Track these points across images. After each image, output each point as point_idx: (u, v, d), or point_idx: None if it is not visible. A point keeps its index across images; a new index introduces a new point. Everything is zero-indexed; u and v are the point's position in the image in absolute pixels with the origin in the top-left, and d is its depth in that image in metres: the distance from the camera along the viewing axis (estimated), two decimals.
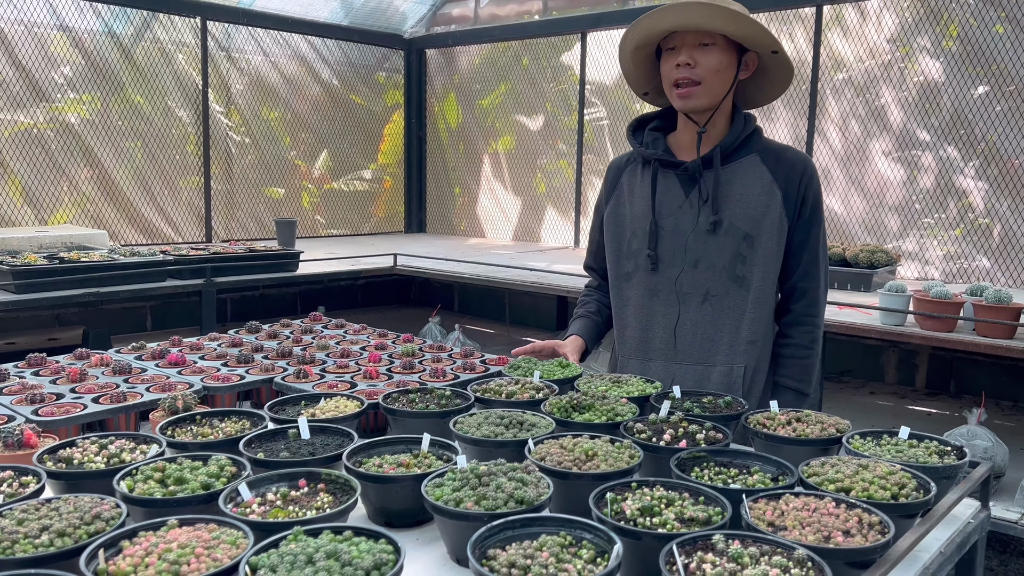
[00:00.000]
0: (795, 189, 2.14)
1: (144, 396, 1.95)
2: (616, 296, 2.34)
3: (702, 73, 2.06)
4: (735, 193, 2.15)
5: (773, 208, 2.13)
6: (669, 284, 2.20)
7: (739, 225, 2.13)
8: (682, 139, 2.24)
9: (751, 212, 2.13)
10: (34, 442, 1.64)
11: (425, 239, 7.62)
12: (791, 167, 2.15)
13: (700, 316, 2.18)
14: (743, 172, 2.16)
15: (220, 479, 1.42)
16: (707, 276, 2.15)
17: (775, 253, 2.15)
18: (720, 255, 2.14)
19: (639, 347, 2.28)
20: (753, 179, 2.15)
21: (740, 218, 2.13)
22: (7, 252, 4.37)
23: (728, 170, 2.16)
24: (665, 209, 2.20)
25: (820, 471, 1.49)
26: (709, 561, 1.15)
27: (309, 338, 2.68)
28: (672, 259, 2.19)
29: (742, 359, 2.17)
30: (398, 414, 1.83)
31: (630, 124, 2.32)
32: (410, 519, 1.50)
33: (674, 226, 2.18)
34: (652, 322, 2.24)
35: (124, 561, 1.12)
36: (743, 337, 2.16)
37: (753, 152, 2.17)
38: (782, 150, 2.19)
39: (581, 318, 2.47)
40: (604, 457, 1.52)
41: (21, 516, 1.23)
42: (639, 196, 2.25)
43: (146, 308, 6.18)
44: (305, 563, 1.11)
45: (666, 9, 2.01)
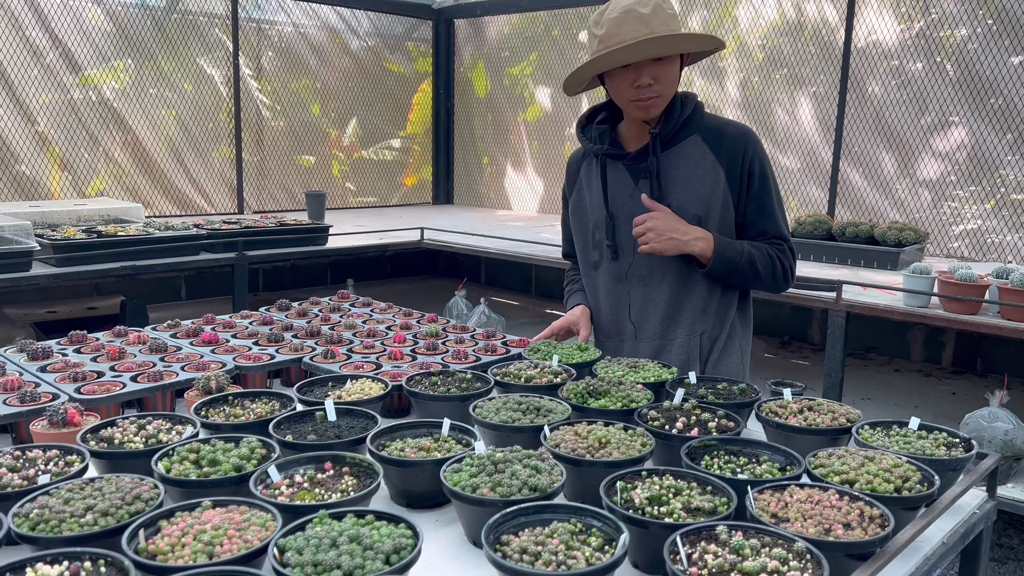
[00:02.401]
0: (738, 164, 2.19)
1: (179, 375, 2.04)
2: (588, 284, 2.47)
3: (662, 88, 2.12)
4: (680, 177, 2.21)
5: (718, 186, 2.20)
6: (631, 270, 2.30)
7: (687, 207, 2.20)
8: (630, 129, 2.30)
9: (698, 193, 2.20)
10: (77, 420, 1.73)
11: (452, 211, 7.67)
12: (733, 143, 2.20)
13: (660, 295, 2.28)
14: (686, 154, 2.22)
15: (251, 461, 1.50)
16: (660, 260, 2.23)
17: (724, 230, 2.22)
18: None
19: (612, 330, 2.40)
20: (696, 160, 2.21)
21: (687, 200, 2.20)
22: (47, 225, 4.51)
23: (671, 154, 2.22)
24: (618, 199, 2.29)
25: (827, 462, 1.53)
26: (711, 552, 1.20)
27: (337, 316, 2.76)
28: (631, 245, 2.27)
29: (699, 327, 2.27)
30: (420, 397, 1.90)
31: (580, 119, 2.39)
32: (430, 501, 1.57)
33: (628, 214, 2.25)
34: (620, 305, 2.36)
35: (162, 540, 1.21)
36: (698, 308, 2.27)
37: (695, 132, 2.22)
38: (722, 126, 2.23)
39: (577, 292, 2.59)
40: (617, 445, 1.57)
41: (67, 495, 1.32)
42: (595, 188, 2.35)
43: (181, 278, 6.33)
44: (329, 546, 1.19)
45: (632, 47, 2.02)
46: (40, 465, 1.48)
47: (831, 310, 3.81)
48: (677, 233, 2.14)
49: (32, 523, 1.25)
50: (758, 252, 2.20)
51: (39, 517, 1.25)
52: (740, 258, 2.17)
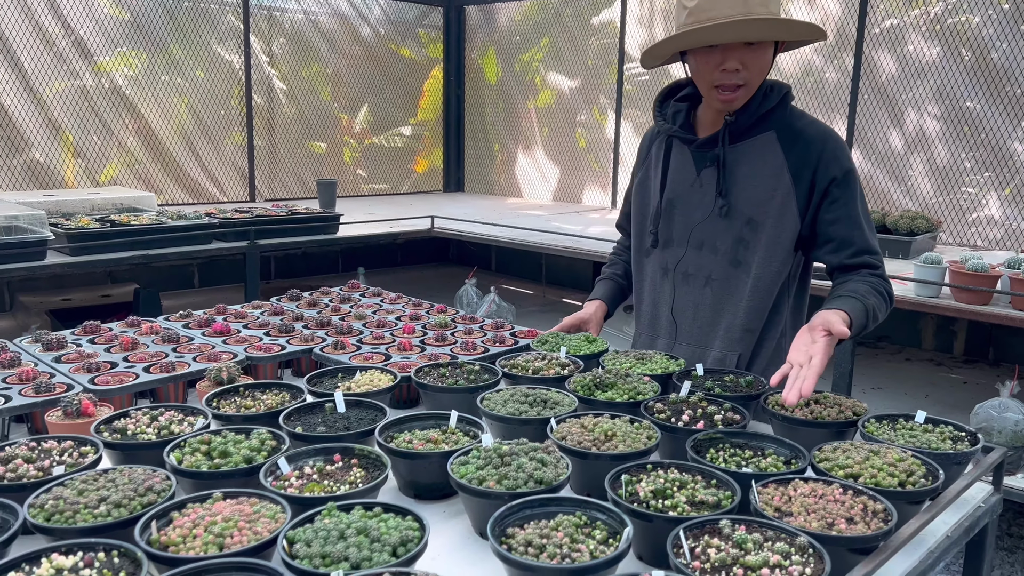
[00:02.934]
0: (809, 171, 2.01)
1: (191, 366, 2.06)
2: (636, 270, 2.36)
3: (749, 76, 1.95)
4: (742, 175, 2.07)
5: (780, 193, 2.02)
6: (677, 265, 2.19)
7: (742, 208, 2.06)
8: (706, 112, 2.16)
9: (756, 195, 2.05)
10: (91, 411, 1.76)
11: (463, 199, 7.68)
12: (807, 146, 2.02)
13: (701, 299, 2.16)
14: (755, 151, 2.06)
15: (261, 452, 1.53)
16: (709, 259, 2.12)
17: (779, 240, 2.04)
18: (723, 239, 2.10)
19: (650, 323, 2.32)
20: (764, 160, 2.05)
21: (745, 201, 2.06)
22: (61, 214, 4.55)
23: (739, 148, 2.07)
24: (678, 187, 2.17)
25: (831, 456, 1.54)
26: (714, 546, 1.22)
27: (347, 307, 2.78)
28: (680, 239, 2.17)
29: (737, 347, 2.13)
30: (429, 389, 1.91)
31: (659, 93, 2.26)
32: (438, 492, 1.59)
33: (684, 205, 2.15)
34: (660, 300, 2.27)
35: (174, 532, 1.23)
36: (739, 324, 2.11)
37: (771, 129, 2.06)
38: (803, 127, 2.05)
39: (606, 280, 2.54)
40: (623, 438, 1.59)
41: (81, 487, 1.35)
42: (660, 171, 2.22)
43: (193, 266, 6.38)
44: (337, 538, 1.21)
45: (723, 26, 1.85)
46: (55, 456, 1.51)
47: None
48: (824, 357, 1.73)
49: (47, 514, 1.27)
50: (875, 299, 1.93)
51: (54, 508, 1.28)
52: (868, 319, 1.90)
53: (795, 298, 2.19)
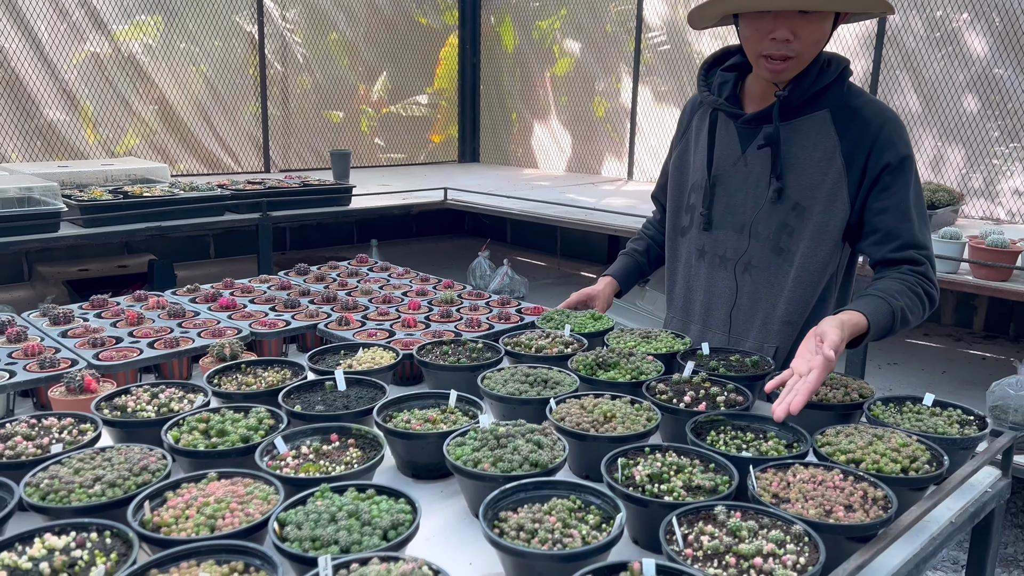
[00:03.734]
0: (863, 155, 1.87)
1: (195, 342, 2.07)
2: (670, 250, 2.25)
3: (801, 48, 1.80)
4: (791, 155, 1.93)
5: (831, 177, 1.89)
6: (714, 248, 2.07)
7: (791, 193, 1.93)
8: (755, 84, 2.00)
9: (805, 179, 1.91)
10: (94, 387, 1.77)
11: (478, 170, 7.62)
12: (863, 128, 1.87)
13: (739, 287, 2.05)
14: (806, 131, 1.92)
15: (259, 432, 1.52)
16: (751, 245, 2.00)
17: (827, 228, 1.92)
18: (767, 223, 1.97)
19: (683, 308, 2.21)
20: (815, 140, 1.91)
21: (793, 184, 1.93)
22: (76, 185, 4.57)
23: (790, 127, 1.93)
24: (723, 164, 2.03)
25: (834, 440, 1.51)
26: (708, 533, 1.20)
27: (354, 281, 2.77)
28: (720, 221, 2.05)
29: (775, 339, 2.02)
30: (430, 367, 1.90)
31: (706, 60, 2.10)
32: (435, 472, 1.59)
33: (726, 184, 2.02)
34: (695, 285, 2.15)
35: (167, 512, 1.23)
36: (778, 315, 2.00)
37: (825, 108, 1.91)
38: (860, 106, 1.89)
39: (625, 255, 2.44)
40: (622, 419, 1.57)
41: (78, 465, 1.35)
42: (702, 145, 2.08)
43: (209, 237, 6.41)
44: (328, 521, 1.21)
45: None
46: (54, 433, 1.51)
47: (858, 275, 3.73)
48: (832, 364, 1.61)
49: (43, 493, 1.28)
50: (908, 301, 1.80)
51: (49, 487, 1.29)
52: (892, 322, 1.78)
53: (842, 291, 2.07)
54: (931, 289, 1.86)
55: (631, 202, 5.34)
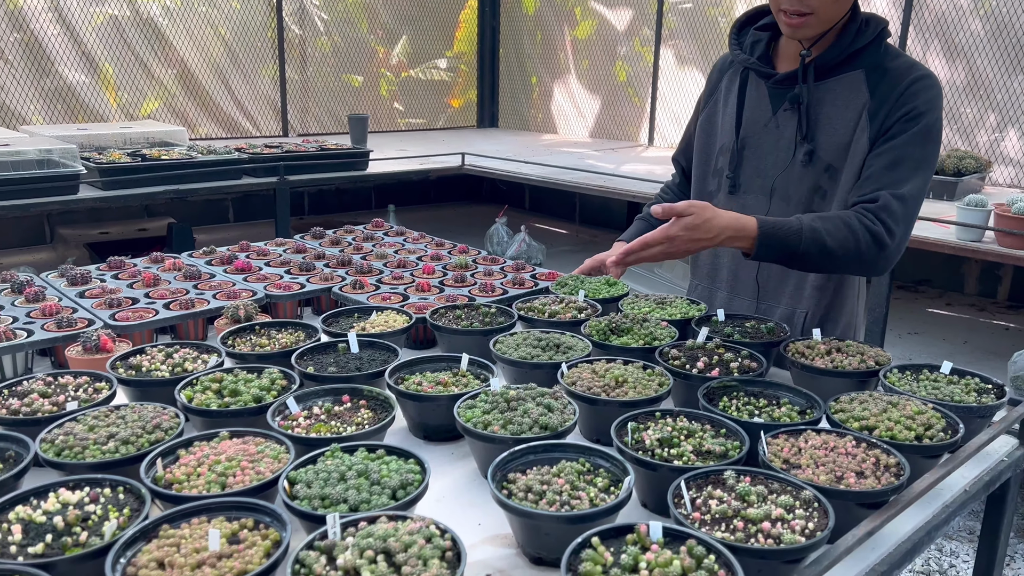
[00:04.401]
0: (884, 111, 1.79)
1: (211, 303, 2.08)
2: None
3: (816, 4, 1.74)
4: (824, 116, 1.87)
5: (862, 135, 1.82)
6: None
7: (823, 155, 1.86)
8: (788, 45, 1.94)
9: (836, 140, 1.85)
10: (110, 347, 1.79)
11: (496, 135, 7.57)
12: (892, 83, 1.79)
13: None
14: (839, 92, 1.85)
15: (271, 392, 1.53)
16: (780, 209, 1.93)
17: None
18: (798, 187, 1.90)
19: (708, 275, 2.17)
20: (847, 101, 1.84)
21: (825, 146, 1.86)
22: (95, 148, 4.59)
23: (823, 87, 1.87)
24: (752, 126, 1.97)
25: (847, 407, 1.50)
26: (717, 497, 1.19)
27: (370, 246, 2.77)
28: (748, 185, 1.98)
29: (805, 304, 1.97)
30: (443, 331, 1.90)
31: (738, 19, 2.05)
32: (446, 434, 1.59)
33: (756, 147, 1.96)
34: (722, 250, 2.09)
35: (179, 470, 1.25)
36: (809, 281, 1.95)
37: (860, 68, 1.84)
38: (895, 66, 1.82)
39: (641, 220, 2.36)
40: (633, 384, 1.56)
41: (92, 423, 1.37)
42: (731, 107, 2.02)
43: (228, 201, 6.42)
44: (338, 480, 1.21)
45: None
46: (70, 391, 1.53)
47: None
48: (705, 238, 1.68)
49: (58, 449, 1.30)
50: (829, 226, 1.73)
51: (64, 443, 1.30)
52: (798, 239, 1.71)
53: None
54: (875, 226, 1.72)
55: (652, 168, 5.28)
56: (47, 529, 1.10)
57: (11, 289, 2.15)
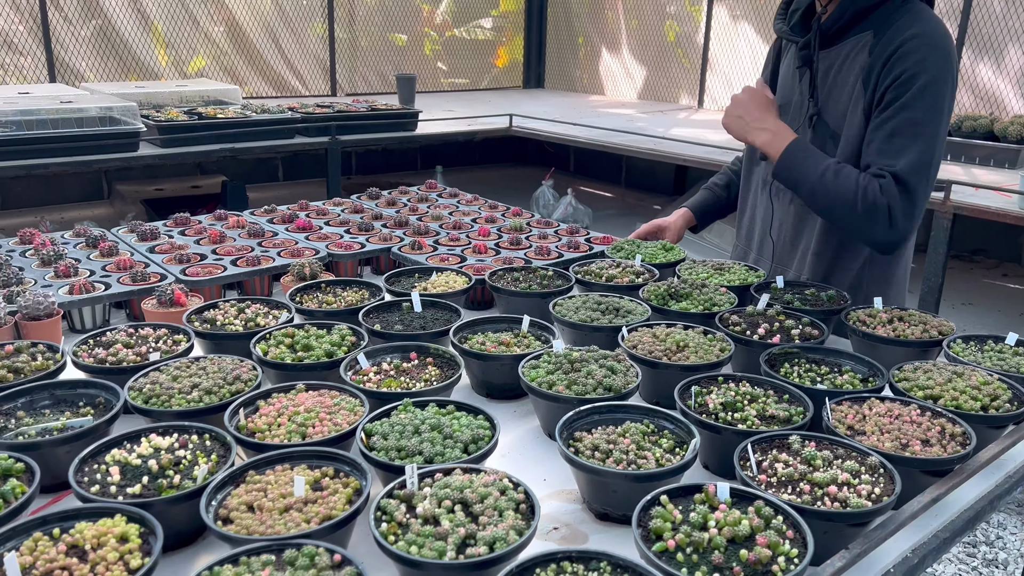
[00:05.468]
0: (878, 72, 1.76)
1: (276, 261, 2.13)
2: (744, 180, 2.23)
3: None
4: (830, 81, 1.87)
5: (859, 99, 1.80)
6: (767, 176, 2.05)
7: (828, 120, 1.88)
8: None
9: (839, 107, 1.85)
10: (183, 301, 1.85)
11: (542, 96, 7.51)
12: (888, 42, 1.76)
13: (786, 217, 2.04)
14: (844, 55, 1.85)
15: (341, 347, 1.58)
16: None
17: (854, 154, 1.84)
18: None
19: (746, 236, 2.22)
20: (850, 64, 1.83)
21: (828, 112, 1.88)
22: (152, 106, 4.67)
23: (832, 52, 1.87)
24: (784, 93, 2.03)
25: (911, 376, 1.50)
26: (782, 460, 1.22)
27: (424, 207, 2.80)
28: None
29: (808, 270, 2.02)
30: (502, 292, 1.93)
31: None
32: (509, 393, 1.63)
33: (786, 113, 1.99)
34: (757, 215, 2.16)
35: (260, 419, 1.30)
36: (812, 247, 2.00)
37: (870, 29, 1.81)
38: (899, 24, 1.77)
39: (706, 189, 2.42)
40: (695, 349, 1.58)
41: (175, 373, 1.44)
42: (770, 75, 2.09)
43: (278, 160, 6.50)
44: (412, 433, 1.26)
45: None
46: (151, 343, 1.60)
47: (936, 211, 3.62)
48: (748, 116, 1.91)
49: (145, 397, 1.36)
50: (844, 177, 1.76)
51: (151, 392, 1.37)
52: (814, 173, 1.77)
53: None
54: (879, 199, 1.72)
55: (701, 132, 5.22)
56: (143, 471, 1.16)
57: (86, 243, 2.23)
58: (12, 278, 1.89)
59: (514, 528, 1.03)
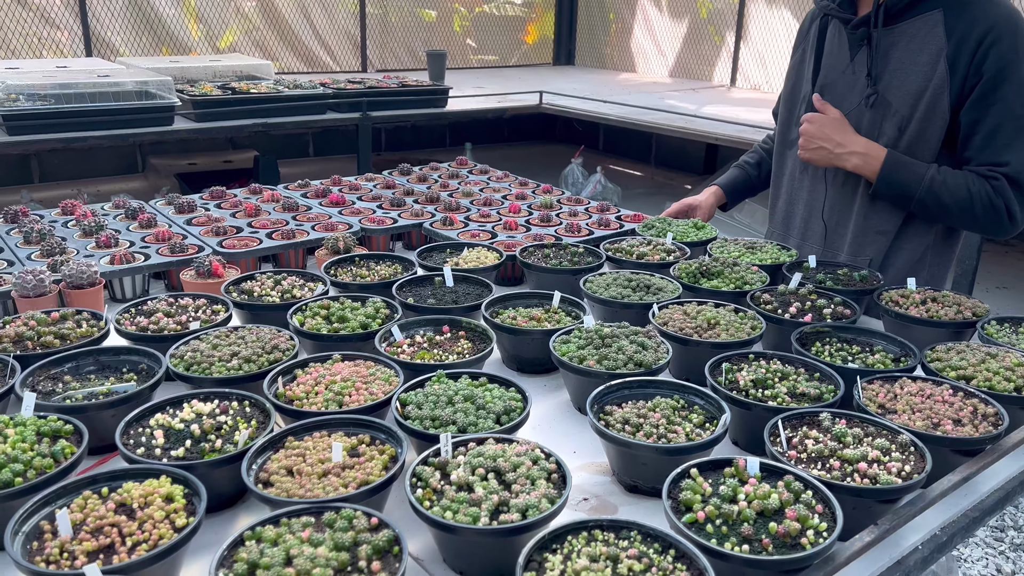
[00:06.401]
0: (967, 56, 1.73)
1: (310, 234, 2.16)
2: (776, 163, 2.19)
3: None
4: (896, 60, 1.82)
5: (934, 84, 1.77)
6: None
7: (893, 101, 1.83)
8: None
9: (910, 85, 1.81)
10: (220, 272, 1.89)
11: (572, 73, 7.47)
12: (971, 25, 1.73)
13: (838, 199, 2.00)
14: (914, 33, 1.80)
15: (376, 320, 1.61)
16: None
17: (924, 138, 1.82)
18: (868, 134, 1.88)
19: (783, 222, 2.18)
20: (922, 42, 1.79)
21: (896, 92, 1.83)
22: (186, 81, 4.72)
23: (898, 30, 1.82)
24: (830, 72, 1.96)
25: (944, 357, 1.49)
26: (812, 437, 1.22)
27: (455, 183, 2.81)
28: None
29: (867, 251, 1.97)
30: (533, 268, 1.95)
31: None
32: (539, 367, 1.65)
33: (833, 93, 1.94)
34: (797, 198, 2.11)
35: (298, 388, 1.34)
36: (871, 225, 1.95)
37: (938, 7, 1.78)
38: (975, 4, 1.74)
39: (736, 168, 2.40)
40: (726, 327, 1.58)
41: (215, 341, 1.47)
42: (813, 54, 2.02)
43: (308, 135, 6.54)
44: (446, 403, 1.29)
45: None
46: (191, 312, 1.64)
47: None
48: (830, 143, 1.84)
49: (186, 364, 1.40)
50: (952, 183, 1.77)
51: (192, 359, 1.41)
52: (919, 185, 1.77)
53: None
54: (996, 200, 1.77)
55: (734, 110, 5.16)
56: (185, 435, 1.20)
57: (125, 215, 2.28)
58: (56, 248, 1.94)
59: (546, 496, 1.06)
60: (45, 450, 1.14)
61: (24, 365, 1.38)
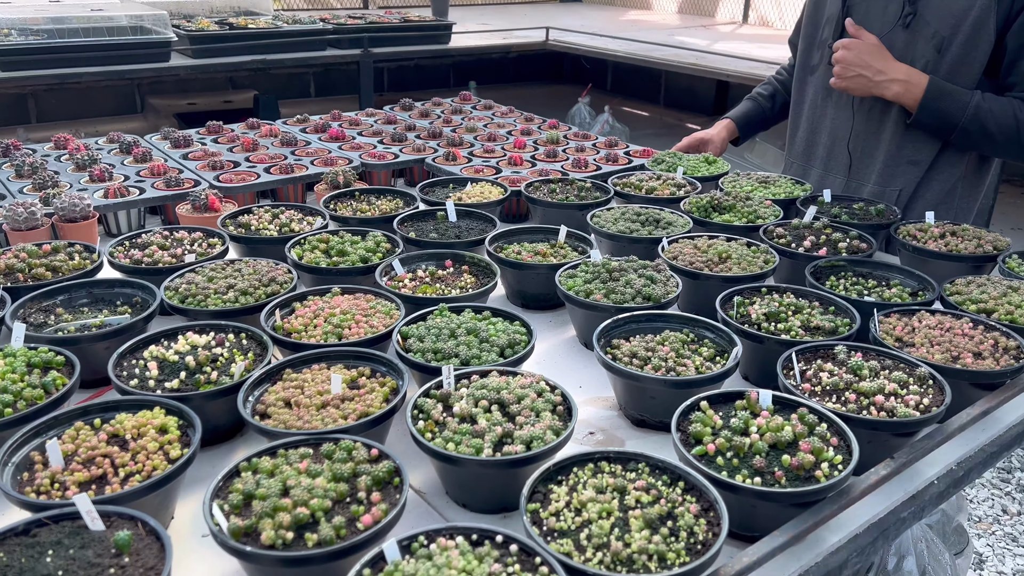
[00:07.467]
0: None
1: (309, 169, 2.10)
2: (796, 91, 2.11)
3: None
4: None
5: (988, 15, 1.71)
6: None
7: (932, 23, 1.77)
8: None
9: (950, 6, 1.75)
10: (217, 206, 1.84)
11: (580, 10, 7.26)
12: None
13: (866, 127, 1.92)
14: None
15: (376, 254, 1.57)
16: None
17: (967, 62, 1.75)
18: (901, 56, 1.81)
19: (804, 152, 2.10)
20: None
21: (936, 14, 1.76)
22: (182, 16, 4.59)
23: None
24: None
25: (964, 290, 1.44)
26: (827, 370, 1.18)
27: (459, 119, 2.73)
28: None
29: (897, 181, 1.92)
30: (539, 203, 1.89)
31: None
32: (544, 302, 1.61)
33: (863, 13, 1.87)
34: (820, 127, 2.03)
35: (296, 320, 1.30)
36: (904, 155, 1.89)
37: None
38: None
39: (749, 100, 2.32)
40: (737, 260, 1.53)
41: (211, 274, 1.43)
42: None
43: (309, 75, 6.39)
44: (448, 336, 1.25)
45: None
46: (186, 245, 1.59)
47: None
48: (869, 71, 1.76)
49: (181, 296, 1.36)
50: (996, 109, 1.71)
51: (187, 292, 1.37)
52: (962, 113, 1.72)
53: None
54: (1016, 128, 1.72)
55: (746, 47, 5.02)
56: (180, 367, 1.16)
57: (119, 149, 2.22)
58: (48, 181, 1.89)
59: (551, 428, 1.02)
60: (36, 381, 1.11)
61: (15, 297, 1.35)
